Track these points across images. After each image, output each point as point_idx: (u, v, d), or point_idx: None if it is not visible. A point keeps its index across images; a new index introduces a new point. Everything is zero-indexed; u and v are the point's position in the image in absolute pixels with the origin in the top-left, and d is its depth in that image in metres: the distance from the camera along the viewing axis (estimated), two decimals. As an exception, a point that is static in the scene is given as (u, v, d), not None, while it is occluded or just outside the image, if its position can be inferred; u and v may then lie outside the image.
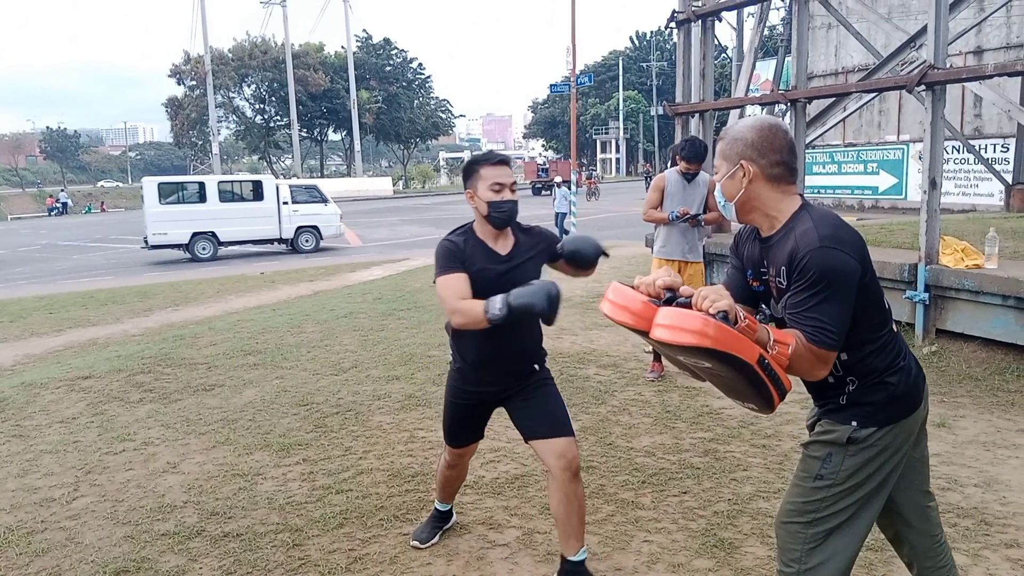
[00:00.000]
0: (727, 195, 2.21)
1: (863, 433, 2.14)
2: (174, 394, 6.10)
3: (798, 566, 2.19)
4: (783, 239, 2.11)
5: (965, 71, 6.71)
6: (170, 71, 58.20)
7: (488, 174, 3.00)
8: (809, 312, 2.01)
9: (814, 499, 2.18)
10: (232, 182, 21.05)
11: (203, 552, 3.55)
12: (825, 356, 2.03)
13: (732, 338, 1.89)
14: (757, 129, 2.14)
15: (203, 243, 19.03)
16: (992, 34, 18.44)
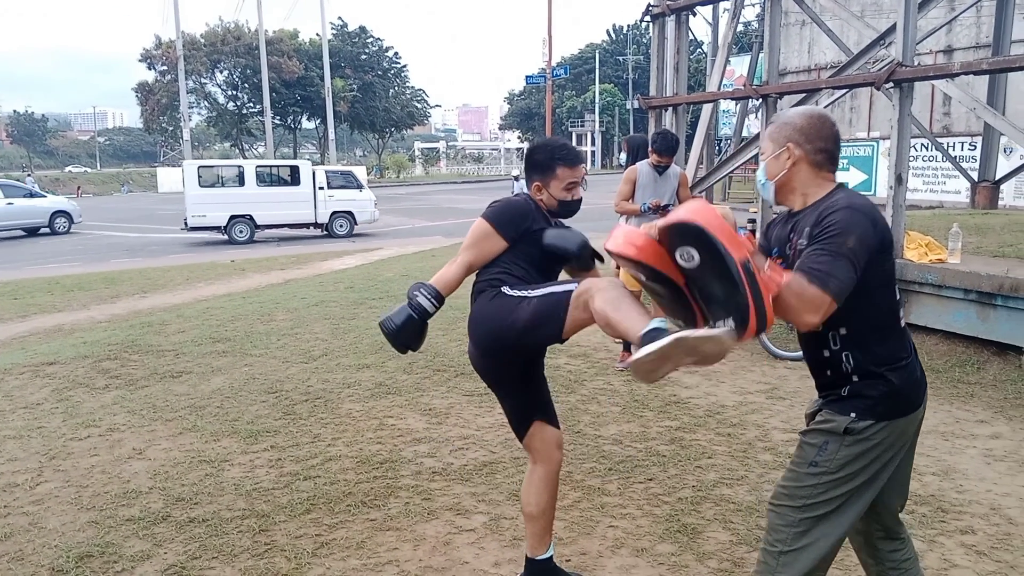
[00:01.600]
0: (769, 174, 2.32)
1: (860, 425, 2.18)
2: (141, 380, 6.04)
3: (782, 547, 2.24)
4: (814, 208, 2.22)
5: (932, 69, 6.82)
6: (141, 56, 57.24)
7: (565, 174, 2.90)
8: (818, 258, 2.06)
9: (806, 485, 2.23)
10: (270, 166, 21.24)
11: (168, 537, 3.54)
12: (818, 300, 2.03)
13: (725, 229, 1.96)
14: (807, 116, 2.27)
15: (240, 226, 19.20)
16: (962, 33, 18.74)
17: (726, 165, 9.98)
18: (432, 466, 4.32)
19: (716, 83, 10.08)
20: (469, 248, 2.84)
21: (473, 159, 74.72)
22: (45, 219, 22.67)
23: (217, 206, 19.02)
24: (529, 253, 2.83)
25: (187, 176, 19.10)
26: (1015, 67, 6.55)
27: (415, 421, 5.04)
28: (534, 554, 3.02)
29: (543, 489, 2.96)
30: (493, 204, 2.91)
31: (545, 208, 2.93)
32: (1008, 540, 3.43)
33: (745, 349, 6.89)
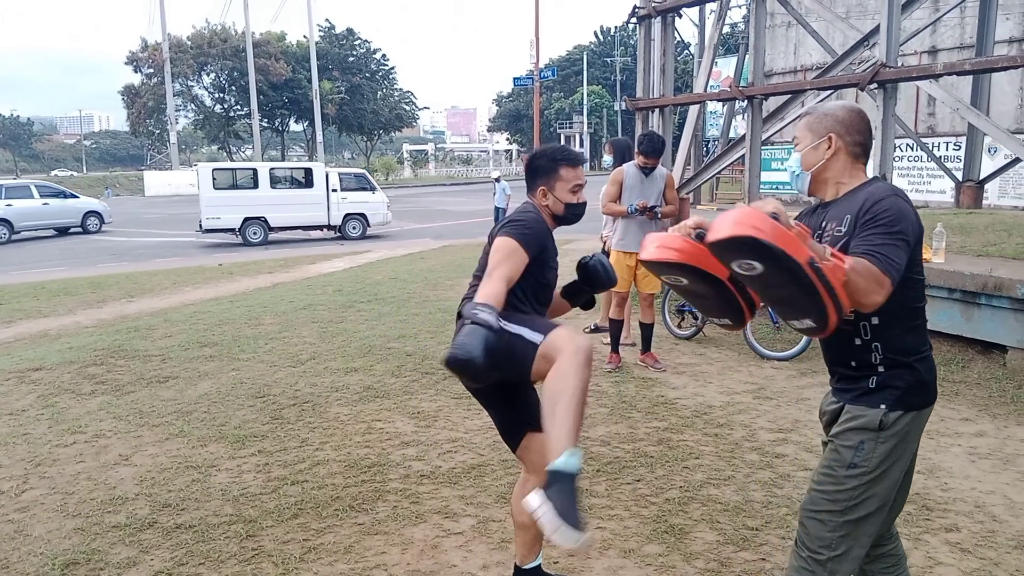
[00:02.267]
0: (806, 165, 2.35)
1: (892, 416, 2.20)
2: (127, 386, 6.01)
3: (828, 552, 2.24)
4: (849, 196, 2.25)
5: (916, 70, 6.88)
6: (127, 58, 56.95)
7: (569, 175, 2.87)
8: (876, 241, 2.07)
9: (847, 488, 2.23)
10: (283, 169, 21.33)
11: (155, 544, 3.52)
12: (884, 282, 2.03)
13: (781, 233, 1.89)
14: (847, 110, 2.33)
15: (254, 228, 19.29)
16: (947, 34, 18.87)
17: (713, 166, 10.02)
18: (420, 469, 4.32)
19: (702, 84, 10.13)
20: (504, 263, 2.65)
21: (462, 161, 74.70)
22: (78, 219, 23.59)
23: (231, 208, 19.08)
24: (531, 273, 2.76)
25: (202, 178, 19.21)
26: (998, 67, 6.62)
27: (403, 424, 5.04)
28: (523, 563, 3.00)
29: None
30: (515, 221, 2.77)
31: (551, 214, 2.90)
32: (992, 537, 3.46)
33: (732, 349, 6.92)
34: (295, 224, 19.95)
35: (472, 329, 2.35)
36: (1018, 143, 6.45)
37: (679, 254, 2.19)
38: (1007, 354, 5.89)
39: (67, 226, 23.55)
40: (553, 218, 2.92)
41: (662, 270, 2.31)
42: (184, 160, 75.72)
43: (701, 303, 2.42)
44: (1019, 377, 5.66)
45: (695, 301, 2.46)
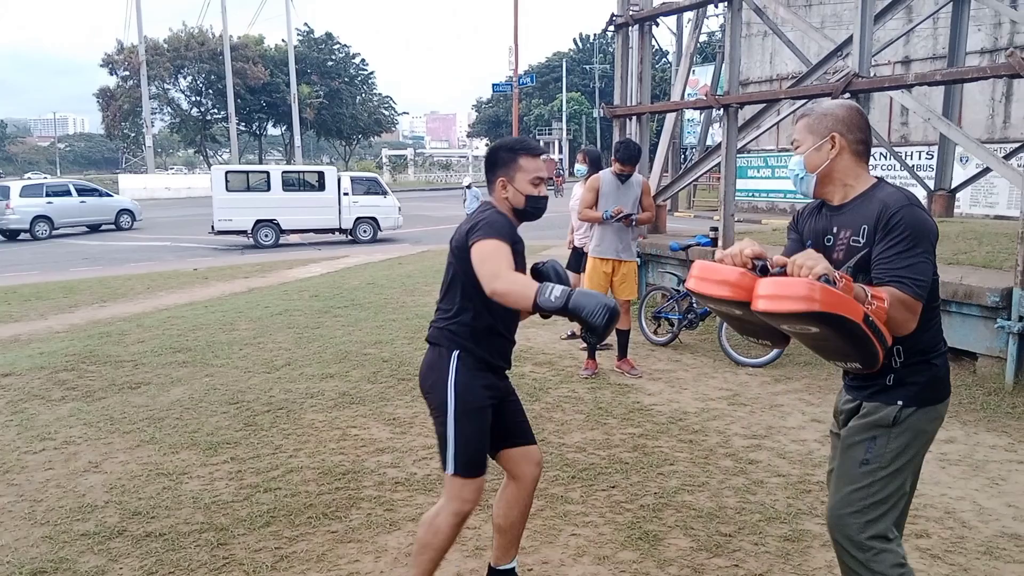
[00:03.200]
0: (810, 167, 2.32)
1: (907, 412, 2.22)
2: (98, 392, 5.93)
3: (863, 554, 2.24)
4: (862, 203, 2.23)
5: (888, 80, 6.97)
6: (102, 61, 56.33)
7: (529, 166, 2.75)
8: (902, 263, 2.08)
9: (863, 485, 2.24)
10: (295, 172, 21.32)
11: (124, 552, 3.47)
12: (916, 307, 2.08)
13: (839, 300, 1.91)
14: (846, 108, 2.32)
15: (266, 230, 19.26)
16: (920, 45, 19.17)
17: (690, 173, 10.10)
18: (395, 476, 4.29)
19: (679, 92, 10.21)
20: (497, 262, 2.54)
21: (441, 166, 74.59)
22: (112, 216, 24.69)
23: (243, 210, 19.05)
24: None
25: (215, 180, 19.31)
26: (968, 78, 6.72)
27: (379, 431, 5.01)
28: (497, 564, 3.01)
29: (514, 504, 2.92)
30: (480, 224, 2.64)
31: (511, 208, 2.78)
32: (961, 543, 3.50)
33: (707, 356, 6.96)
34: (306, 227, 19.97)
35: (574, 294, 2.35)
36: (987, 153, 6.55)
37: (734, 291, 2.09)
38: (977, 361, 5.97)
39: (100, 223, 24.51)
40: (514, 213, 2.79)
41: (712, 301, 2.21)
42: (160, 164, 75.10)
43: (744, 326, 2.33)
44: (989, 384, 5.74)
45: (737, 324, 2.35)
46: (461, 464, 2.69)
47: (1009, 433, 4.89)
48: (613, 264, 6.26)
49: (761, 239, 10.13)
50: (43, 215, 22.63)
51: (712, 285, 2.13)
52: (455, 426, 2.69)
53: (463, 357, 2.73)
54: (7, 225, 22.27)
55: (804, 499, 3.97)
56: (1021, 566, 3.32)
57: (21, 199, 22.45)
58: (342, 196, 19.92)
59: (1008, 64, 5.67)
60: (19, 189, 23.04)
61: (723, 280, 2.11)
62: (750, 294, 2.07)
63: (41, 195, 23.07)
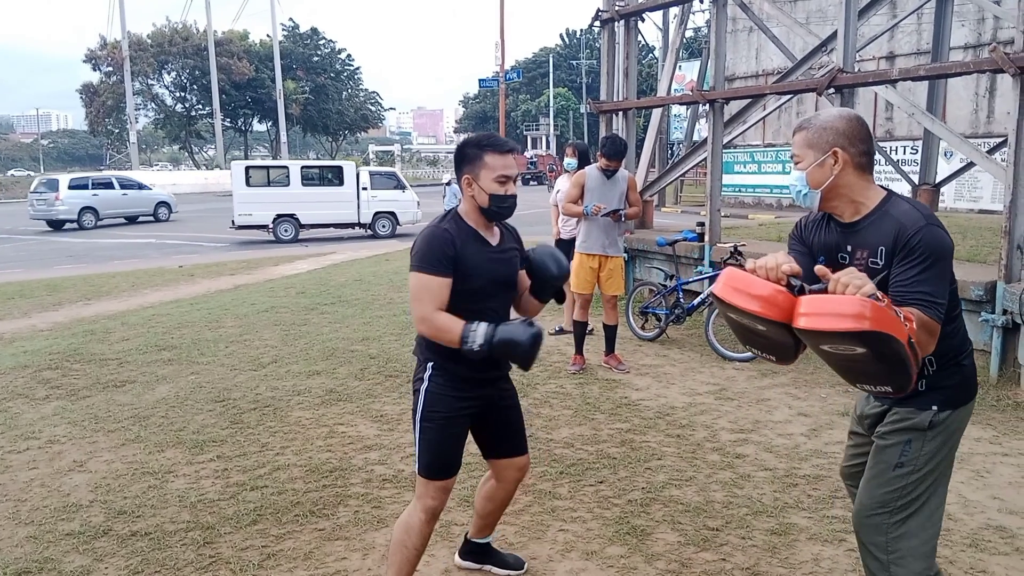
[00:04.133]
0: (813, 183, 2.24)
1: (942, 416, 2.21)
2: (83, 391, 5.88)
3: (886, 556, 2.24)
4: (877, 221, 2.18)
5: (871, 75, 7.00)
6: (85, 56, 55.85)
7: (495, 163, 2.64)
8: (920, 286, 2.06)
9: (896, 488, 2.23)
10: (314, 167, 21.40)
11: (109, 552, 3.45)
12: (936, 330, 2.07)
13: (889, 319, 1.85)
14: (846, 120, 2.22)
15: (285, 225, 19.39)
16: (904, 40, 19.27)
17: (677, 169, 10.11)
18: (383, 473, 4.28)
19: (666, 88, 10.22)
20: (420, 303, 2.61)
21: (428, 162, 74.45)
22: (151, 208, 26.41)
23: (263, 205, 19.18)
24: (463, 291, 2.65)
25: (235, 176, 19.43)
26: (952, 73, 6.76)
27: (366, 428, 5.00)
28: (473, 536, 3.21)
29: (489, 499, 3.04)
30: (413, 252, 2.67)
31: (476, 207, 2.70)
32: (947, 536, 3.52)
33: (695, 351, 6.98)
34: (325, 222, 19.96)
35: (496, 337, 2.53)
36: (971, 147, 6.59)
37: (765, 307, 2.01)
38: (961, 354, 6.00)
39: (139, 214, 26.14)
40: (480, 212, 2.71)
41: (737, 312, 2.11)
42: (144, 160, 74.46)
43: (754, 339, 2.21)
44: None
45: (748, 335, 2.22)
46: (423, 466, 2.77)
47: (994, 426, 4.93)
48: (600, 260, 6.26)
49: (747, 234, 10.17)
50: (89, 206, 24.11)
51: (743, 298, 2.05)
52: (419, 431, 2.77)
53: (437, 369, 2.74)
54: (56, 216, 23.69)
55: (791, 493, 3.98)
56: (1006, 558, 3.35)
57: (69, 191, 23.90)
58: (361, 191, 19.93)
59: (991, 59, 5.71)
60: (67, 182, 24.39)
61: (757, 295, 2.03)
62: (782, 313, 2.00)
63: (87, 188, 24.57)
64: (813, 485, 4.08)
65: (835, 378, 6.00)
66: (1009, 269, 5.68)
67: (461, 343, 2.53)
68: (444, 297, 2.62)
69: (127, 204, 25.98)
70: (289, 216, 19.41)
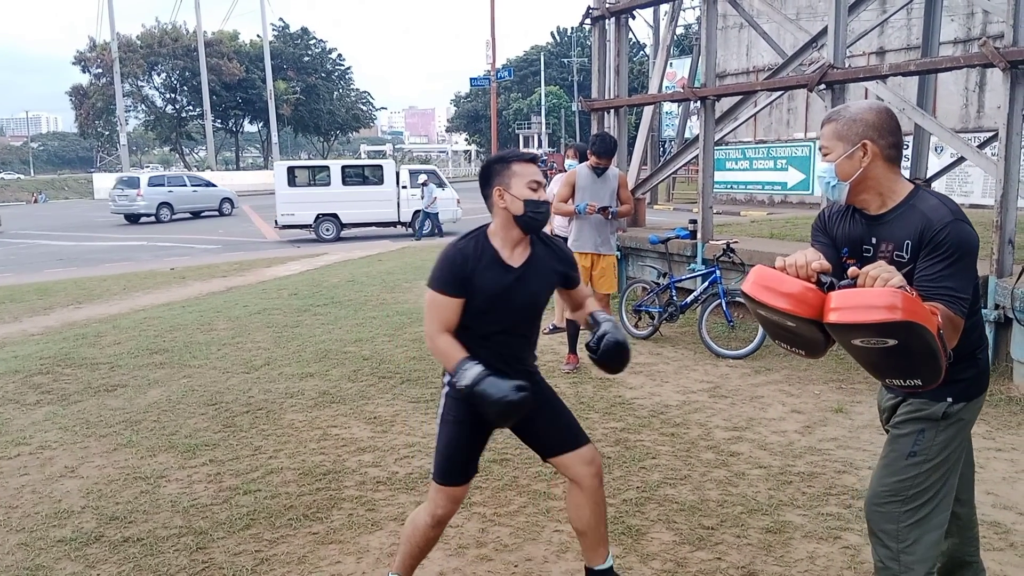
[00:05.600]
0: (842, 175, 2.24)
1: (956, 408, 2.24)
2: (74, 395, 5.85)
3: (897, 544, 2.25)
4: (904, 215, 2.18)
5: (862, 71, 7.00)
6: (75, 58, 55.70)
7: (524, 171, 2.69)
8: (945, 282, 2.07)
9: (908, 477, 2.25)
10: (355, 167, 21.65)
11: (101, 558, 3.42)
12: (959, 325, 2.09)
13: (920, 309, 1.86)
14: (876, 112, 2.23)
15: (327, 224, 19.69)
16: (894, 35, 19.31)
17: (668, 166, 10.10)
18: (377, 476, 4.26)
19: (657, 85, 10.21)
20: (426, 319, 2.68)
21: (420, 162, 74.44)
22: (216, 204, 29.28)
23: (305, 205, 19.47)
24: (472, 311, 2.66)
25: (277, 176, 19.92)
26: (942, 68, 6.76)
27: (359, 430, 4.98)
28: (591, 564, 2.92)
29: (583, 505, 2.83)
30: (436, 263, 2.70)
31: (510, 217, 2.68)
32: (940, 530, 3.52)
33: (688, 348, 6.98)
34: (366, 221, 20.08)
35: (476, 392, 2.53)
36: (962, 142, 6.60)
37: (794, 305, 2.02)
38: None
39: (203, 209, 28.88)
40: (515, 222, 2.69)
41: (766, 310, 2.11)
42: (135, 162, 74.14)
43: (784, 335, 2.21)
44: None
45: (779, 331, 2.21)
46: (436, 470, 2.80)
47: (987, 421, 4.93)
48: (592, 258, 6.25)
49: (739, 231, 10.17)
50: (166, 202, 26.95)
51: (774, 296, 2.05)
52: (438, 434, 2.82)
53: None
54: (137, 210, 26.46)
55: (785, 490, 3.98)
56: (1000, 553, 3.35)
57: (149, 188, 26.68)
58: (400, 190, 20.01)
59: (981, 54, 5.71)
60: (147, 179, 27.41)
61: (787, 293, 2.03)
62: (813, 310, 2.00)
63: (163, 185, 27.58)
64: (807, 483, 4.07)
65: (829, 375, 6.03)
66: (1001, 264, 5.69)
67: (454, 373, 2.60)
68: (451, 317, 2.66)
69: (196, 200, 28.61)
70: (330, 216, 19.58)
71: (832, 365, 6.28)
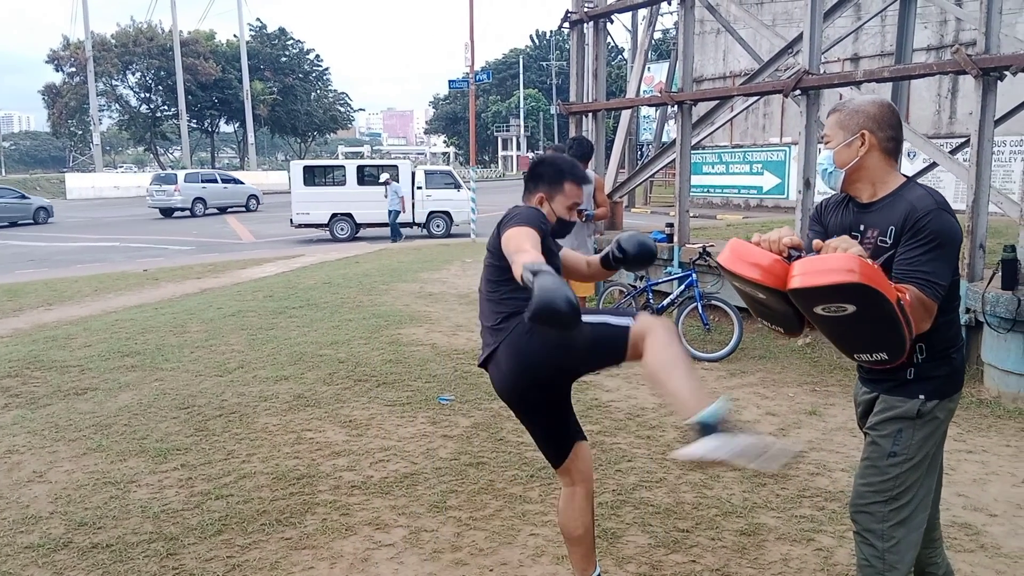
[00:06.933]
0: (839, 163, 2.32)
1: (929, 406, 2.26)
2: (43, 399, 5.75)
3: (882, 544, 2.27)
4: (892, 203, 2.24)
5: (837, 77, 7.07)
6: (48, 57, 54.81)
7: (572, 192, 2.83)
8: (922, 267, 2.12)
9: (891, 477, 2.27)
10: (370, 167, 21.62)
11: (70, 565, 3.36)
12: (932, 309, 2.12)
13: (877, 275, 1.91)
14: (878, 105, 2.32)
15: (341, 224, 19.83)
16: (868, 42, 19.53)
17: (646, 170, 10.15)
18: (351, 480, 4.23)
19: (634, 89, 10.25)
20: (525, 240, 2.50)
21: (401, 163, 74.22)
22: (244, 199, 31.27)
23: (320, 204, 19.59)
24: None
25: (293, 175, 20.12)
26: (915, 75, 6.85)
27: (334, 434, 4.94)
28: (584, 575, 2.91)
29: (587, 508, 2.85)
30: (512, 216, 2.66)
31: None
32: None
33: (665, 351, 6.98)
34: (381, 221, 19.92)
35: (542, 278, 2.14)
36: (934, 148, 6.68)
37: (764, 275, 2.13)
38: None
39: (232, 205, 30.83)
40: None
41: (740, 280, 2.24)
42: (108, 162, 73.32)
43: (762, 310, 2.37)
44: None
45: (756, 306, 2.37)
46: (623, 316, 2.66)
47: (958, 423, 4.99)
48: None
49: (716, 235, 10.24)
50: (200, 197, 28.74)
51: (744, 265, 2.17)
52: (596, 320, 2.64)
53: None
54: (173, 204, 28.19)
55: (759, 492, 4.00)
56: (971, 555, 3.39)
57: (185, 184, 28.35)
58: (415, 190, 19.93)
59: (954, 61, 5.79)
60: (183, 176, 29.20)
61: (755, 263, 2.15)
62: (779, 281, 2.12)
63: (198, 181, 29.37)
64: (781, 485, 4.09)
65: (803, 377, 6.07)
66: (972, 268, 5.76)
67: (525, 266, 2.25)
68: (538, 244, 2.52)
69: (227, 196, 30.49)
70: (345, 215, 19.60)
71: (806, 368, 6.33)
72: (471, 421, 5.15)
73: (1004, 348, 5.42)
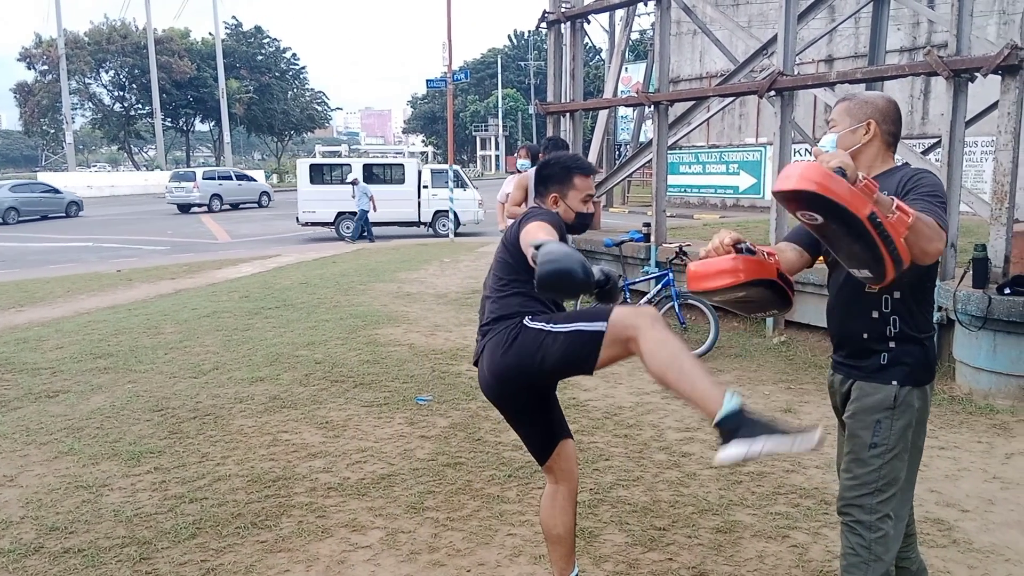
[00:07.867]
0: (843, 146, 2.41)
1: (903, 392, 2.29)
2: (13, 402, 5.66)
3: (870, 534, 2.30)
4: (885, 178, 2.33)
5: (811, 78, 7.14)
6: (19, 55, 53.94)
7: (582, 185, 2.89)
8: (925, 202, 2.15)
9: (875, 468, 2.30)
10: (376, 165, 21.50)
11: (41, 570, 3.31)
12: (941, 235, 2.07)
13: (844, 190, 1.89)
14: (886, 100, 2.44)
15: (347, 222, 19.57)
16: (842, 44, 19.73)
17: (623, 169, 10.19)
18: (327, 482, 4.20)
19: (612, 90, 10.29)
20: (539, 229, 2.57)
21: (376, 163, 73.92)
22: (256, 196, 32.76)
23: (326, 203, 19.52)
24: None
25: (299, 173, 20.18)
26: (888, 76, 6.92)
27: (311, 435, 4.90)
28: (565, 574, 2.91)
29: (569, 507, 2.86)
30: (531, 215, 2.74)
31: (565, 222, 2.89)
32: (885, 529, 3.59)
33: (642, 351, 7.01)
34: (386, 220, 19.80)
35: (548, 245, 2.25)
36: (906, 148, 6.77)
37: (733, 275, 2.20)
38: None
39: (245, 201, 32.29)
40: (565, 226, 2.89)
41: (719, 293, 2.29)
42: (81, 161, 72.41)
43: (748, 306, 2.45)
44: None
45: (741, 305, 2.45)
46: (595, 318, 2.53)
47: (930, 420, 5.03)
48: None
49: (692, 234, 10.30)
50: (217, 194, 30.08)
51: (712, 279, 2.23)
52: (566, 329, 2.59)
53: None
54: (192, 200, 29.34)
55: (735, 490, 4.03)
56: (944, 550, 3.43)
57: (203, 181, 29.76)
58: (421, 189, 19.84)
59: (926, 63, 5.87)
60: (201, 174, 30.53)
61: (720, 270, 2.22)
62: (748, 271, 2.19)
63: (215, 179, 30.93)
64: (757, 482, 4.12)
65: (778, 375, 6.12)
66: (944, 267, 5.84)
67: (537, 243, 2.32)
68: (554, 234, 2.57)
69: (241, 192, 32.02)
70: (351, 214, 19.41)
71: (781, 366, 6.38)
72: (449, 421, 5.14)
73: (975, 345, 5.50)
